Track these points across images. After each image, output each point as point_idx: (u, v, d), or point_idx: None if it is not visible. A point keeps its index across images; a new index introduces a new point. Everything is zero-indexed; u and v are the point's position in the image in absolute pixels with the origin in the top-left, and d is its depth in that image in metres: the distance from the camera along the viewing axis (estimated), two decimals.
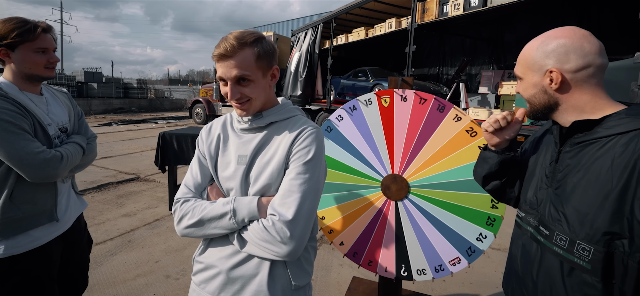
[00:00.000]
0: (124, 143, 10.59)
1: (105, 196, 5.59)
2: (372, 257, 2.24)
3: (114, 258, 3.57)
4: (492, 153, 1.28)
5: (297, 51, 11.54)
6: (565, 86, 1.01)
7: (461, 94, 7.23)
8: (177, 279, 3.21)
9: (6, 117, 1.45)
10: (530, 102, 1.10)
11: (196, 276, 1.29)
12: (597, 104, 1.00)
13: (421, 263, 2.14)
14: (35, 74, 1.60)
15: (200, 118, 16.29)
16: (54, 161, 1.55)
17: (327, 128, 2.28)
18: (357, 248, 2.27)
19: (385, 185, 2.19)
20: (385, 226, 2.20)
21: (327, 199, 2.31)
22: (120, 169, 7.34)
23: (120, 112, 22.44)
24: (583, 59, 0.98)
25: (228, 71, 1.11)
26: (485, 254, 3.77)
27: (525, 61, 1.08)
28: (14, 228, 1.53)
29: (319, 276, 3.33)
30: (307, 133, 1.19)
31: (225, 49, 1.09)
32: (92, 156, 1.87)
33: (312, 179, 1.14)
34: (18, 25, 1.52)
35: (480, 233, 2.07)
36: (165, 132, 4.78)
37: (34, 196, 1.58)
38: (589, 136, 0.99)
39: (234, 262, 1.19)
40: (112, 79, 25.40)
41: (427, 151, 2.09)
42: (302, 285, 1.24)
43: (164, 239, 4.04)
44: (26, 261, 1.59)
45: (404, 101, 2.10)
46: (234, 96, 1.14)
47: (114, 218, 4.68)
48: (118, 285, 3.10)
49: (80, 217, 1.94)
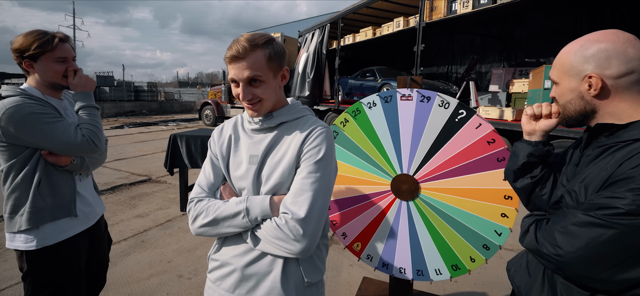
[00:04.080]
0: (136, 145, 10.73)
1: (118, 197, 5.68)
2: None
3: (128, 258, 3.64)
4: (523, 144, 1.23)
5: (305, 51, 11.56)
6: (605, 92, 0.97)
7: (471, 92, 7.16)
8: (190, 279, 3.26)
9: (37, 110, 1.57)
10: (566, 108, 1.06)
11: (212, 273, 1.32)
12: (635, 111, 0.95)
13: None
14: (56, 82, 1.71)
15: (209, 120, 16.43)
16: (90, 132, 1.69)
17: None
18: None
19: (395, 185, 2.19)
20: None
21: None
22: (132, 171, 7.45)
23: (131, 115, 22.74)
24: (626, 64, 0.93)
25: (240, 72, 1.14)
26: (498, 255, 3.73)
27: (561, 65, 1.04)
28: (40, 218, 1.64)
29: (330, 276, 3.35)
30: (317, 133, 1.21)
31: (237, 51, 1.12)
32: (103, 158, 1.95)
33: (324, 178, 1.16)
34: (38, 37, 1.62)
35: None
36: (176, 134, 4.84)
37: (55, 188, 1.68)
38: (612, 140, 0.96)
39: (249, 259, 1.22)
40: (124, 82, 25.81)
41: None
42: (315, 281, 1.26)
43: (176, 240, 4.10)
44: (57, 253, 1.70)
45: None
46: (246, 97, 1.17)
47: (128, 218, 4.76)
48: (132, 284, 3.16)
49: (102, 217, 2.04)
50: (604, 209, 0.85)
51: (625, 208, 0.82)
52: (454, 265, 2.09)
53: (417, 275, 2.18)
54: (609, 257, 0.85)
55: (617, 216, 0.83)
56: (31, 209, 1.62)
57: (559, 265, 0.91)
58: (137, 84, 26.85)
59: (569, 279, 0.95)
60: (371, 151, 2.22)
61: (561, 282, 1.01)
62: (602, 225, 0.85)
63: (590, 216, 0.87)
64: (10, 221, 1.64)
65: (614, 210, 0.83)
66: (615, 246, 0.83)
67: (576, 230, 0.88)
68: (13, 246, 1.66)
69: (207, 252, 3.78)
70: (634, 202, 0.81)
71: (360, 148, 2.24)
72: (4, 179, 1.66)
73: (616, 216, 0.83)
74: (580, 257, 0.87)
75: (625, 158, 0.88)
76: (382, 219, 2.23)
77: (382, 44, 10.72)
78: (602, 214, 0.85)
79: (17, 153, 1.60)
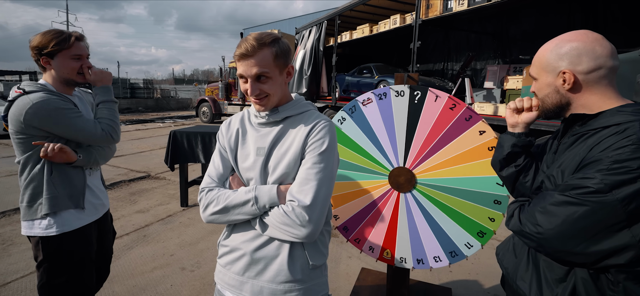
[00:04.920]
0: (134, 142, 10.77)
1: (119, 193, 5.75)
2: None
3: (131, 252, 3.72)
4: (507, 135, 1.35)
5: (302, 48, 11.61)
6: (577, 86, 1.08)
7: (466, 89, 7.24)
8: (193, 271, 3.35)
9: (62, 105, 1.69)
10: (544, 102, 1.17)
11: (222, 258, 1.41)
12: (604, 103, 1.06)
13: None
14: (71, 78, 1.81)
15: (206, 117, 16.44)
16: (109, 127, 1.84)
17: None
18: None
19: (393, 181, 2.26)
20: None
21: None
22: (131, 167, 7.51)
23: (127, 112, 22.69)
24: (595, 61, 1.04)
25: (249, 69, 1.22)
26: (492, 247, 3.84)
27: (539, 62, 1.15)
28: (57, 204, 1.74)
29: (329, 267, 3.44)
30: (321, 126, 1.29)
31: (246, 49, 1.20)
32: (112, 153, 2.04)
33: (327, 168, 1.25)
34: (55, 36, 1.73)
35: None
36: (176, 131, 4.92)
37: (66, 179, 1.79)
38: (585, 128, 1.08)
39: (257, 245, 1.30)
40: (119, 79, 25.74)
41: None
42: (319, 264, 1.35)
43: (177, 234, 4.18)
44: (71, 241, 1.79)
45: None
46: (254, 92, 1.24)
47: (129, 214, 4.84)
48: (136, 276, 3.24)
49: (108, 210, 2.13)
50: (576, 189, 0.96)
51: (594, 187, 0.93)
52: (480, 232, 2.15)
53: (451, 256, 2.23)
54: (582, 232, 0.95)
55: (587, 194, 0.94)
56: (47, 196, 1.72)
57: (540, 242, 1.02)
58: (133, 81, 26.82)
59: (549, 255, 1.06)
60: (359, 160, 2.32)
61: (543, 260, 1.12)
62: (575, 203, 0.95)
63: (565, 195, 0.98)
64: (30, 209, 1.73)
65: (585, 189, 0.94)
66: (587, 221, 0.94)
67: (553, 209, 0.99)
68: (32, 233, 1.74)
69: (208, 246, 3.87)
70: (602, 181, 0.92)
71: (348, 161, 2.35)
72: (21, 170, 1.75)
73: (587, 194, 0.94)
74: (558, 233, 0.97)
75: (595, 143, 1.00)
76: (398, 218, 2.30)
77: (379, 41, 10.80)
78: (575, 193, 0.96)
79: (33, 145, 1.69)
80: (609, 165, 0.92)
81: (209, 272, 3.32)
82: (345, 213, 2.41)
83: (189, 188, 5.26)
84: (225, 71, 16.23)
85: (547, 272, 1.11)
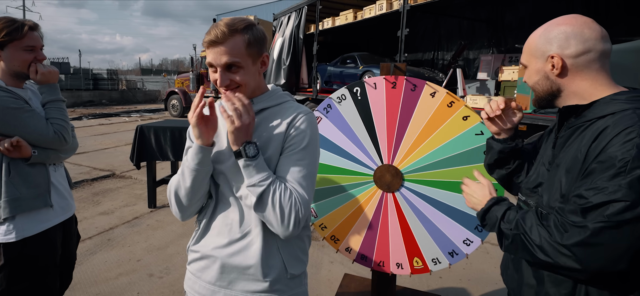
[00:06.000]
0: (97, 138, 10.54)
1: (80, 193, 5.63)
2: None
3: (94, 257, 3.66)
4: (494, 141, 1.39)
5: (280, 36, 11.53)
6: (566, 71, 1.10)
7: (458, 80, 7.17)
8: (161, 278, 3.31)
9: (11, 104, 1.64)
10: (535, 90, 1.19)
11: (191, 265, 1.38)
12: (596, 90, 1.08)
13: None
14: (22, 71, 1.75)
15: (176, 110, 16.21)
16: (61, 127, 1.79)
17: None
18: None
19: (378, 178, 2.26)
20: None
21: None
22: (94, 165, 7.36)
23: (90, 105, 22.15)
24: (583, 44, 1.06)
25: (218, 57, 1.18)
26: (484, 249, 3.87)
27: (529, 48, 1.19)
28: (17, 206, 1.70)
29: (309, 273, 3.45)
30: (301, 119, 1.27)
31: (215, 36, 1.17)
32: (75, 146, 2.00)
33: (310, 165, 1.24)
34: (7, 25, 1.67)
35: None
36: (143, 126, 4.84)
37: (28, 178, 1.74)
38: (580, 120, 1.09)
39: (230, 252, 1.28)
40: (81, 69, 25.04)
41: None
42: (298, 273, 1.34)
43: (144, 238, 4.13)
44: (34, 245, 1.76)
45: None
46: (224, 83, 1.21)
47: (91, 216, 4.75)
48: (100, 284, 3.19)
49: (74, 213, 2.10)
50: (605, 208, 0.94)
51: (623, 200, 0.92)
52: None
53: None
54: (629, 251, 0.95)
55: (621, 212, 0.92)
56: (7, 198, 1.67)
57: (587, 276, 1.01)
58: (96, 72, 26.15)
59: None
60: (342, 158, 2.32)
61: (547, 275, 1.12)
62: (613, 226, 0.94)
63: (600, 223, 0.95)
64: None
65: (616, 206, 0.93)
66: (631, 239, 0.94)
67: (594, 241, 0.96)
68: None
69: (178, 250, 3.84)
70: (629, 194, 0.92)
71: (331, 165, 2.36)
72: None
73: (621, 212, 0.92)
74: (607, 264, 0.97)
75: (591, 139, 1.02)
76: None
77: (364, 28, 10.73)
78: (609, 214, 0.93)
79: None
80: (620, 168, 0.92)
81: (178, 279, 3.29)
82: (355, 241, 2.38)
83: (158, 187, 5.19)
84: (196, 60, 16.04)
85: (551, 288, 1.12)
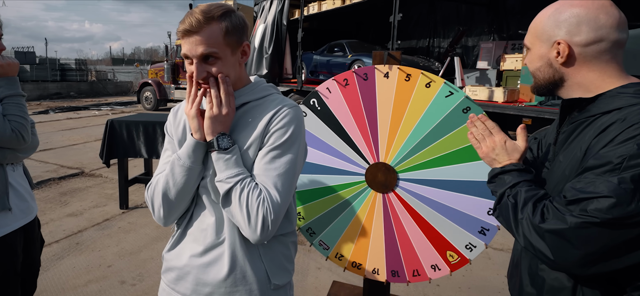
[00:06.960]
0: (64, 133, 10.37)
1: (47, 193, 5.54)
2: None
3: (61, 262, 3.61)
4: None
5: (262, 22, 11.40)
6: (572, 60, 1.04)
7: (456, 69, 7.04)
8: (134, 285, 3.28)
9: None
10: (535, 76, 1.13)
11: (166, 274, 1.36)
12: (603, 82, 1.02)
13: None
14: None
15: (150, 103, 16.00)
16: (20, 125, 1.72)
17: None
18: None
19: (371, 181, 2.21)
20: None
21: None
22: (61, 163, 7.25)
23: (57, 98, 21.77)
24: (595, 32, 0.99)
25: (193, 47, 1.14)
26: (487, 255, 3.83)
27: (535, 29, 1.11)
28: None
29: (295, 281, 3.43)
30: (284, 112, 1.23)
31: (190, 25, 1.13)
32: (36, 143, 1.94)
33: (288, 164, 1.20)
34: None
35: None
36: (114, 120, 4.77)
37: None
38: (583, 115, 1.04)
39: (205, 262, 1.26)
40: (47, 59, 24.71)
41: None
42: (282, 284, 1.31)
43: (116, 242, 4.08)
44: None
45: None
46: (200, 75, 1.17)
47: (59, 218, 4.68)
48: (68, 291, 3.15)
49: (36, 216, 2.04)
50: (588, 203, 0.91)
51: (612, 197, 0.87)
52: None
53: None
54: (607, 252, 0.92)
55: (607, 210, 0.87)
56: None
57: (559, 269, 1.01)
58: (63, 62, 25.81)
59: None
60: (330, 174, 2.29)
61: (545, 282, 1.10)
62: (595, 224, 0.90)
63: (580, 216, 0.92)
64: None
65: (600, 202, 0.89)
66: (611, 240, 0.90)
67: (572, 235, 0.93)
68: None
69: (152, 255, 3.81)
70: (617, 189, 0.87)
71: (323, 186, 2.32)
72: None
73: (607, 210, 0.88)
74: (581, 262, 0.94)
75: (592, 137, 0.98)
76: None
77: (353, 13, 10.49)
78: (592, 210, 0.90)
79: None
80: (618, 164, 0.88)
81: (153, 286, 3.26)
82: (347, 247, 2.34)
83: (130, 187, 5.14)
84: (171, 49, 15.85)
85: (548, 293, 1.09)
